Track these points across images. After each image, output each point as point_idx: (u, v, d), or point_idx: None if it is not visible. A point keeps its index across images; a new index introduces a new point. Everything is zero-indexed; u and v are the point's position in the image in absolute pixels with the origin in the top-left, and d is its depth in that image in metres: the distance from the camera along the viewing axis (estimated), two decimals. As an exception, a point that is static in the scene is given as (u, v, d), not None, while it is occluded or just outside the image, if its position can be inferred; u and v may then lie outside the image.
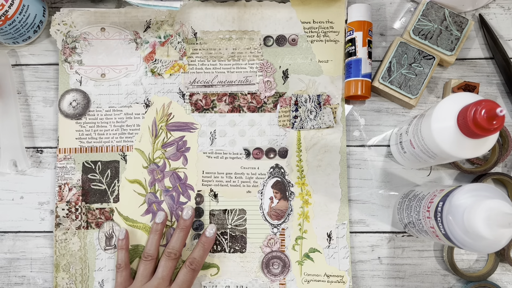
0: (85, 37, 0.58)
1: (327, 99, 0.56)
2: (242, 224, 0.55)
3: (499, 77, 0.57)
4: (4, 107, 0.57)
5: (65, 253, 0.55)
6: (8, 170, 0.57)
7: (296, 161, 0.56)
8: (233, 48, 0.58)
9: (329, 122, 0.55)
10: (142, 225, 0.55)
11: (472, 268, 0.54)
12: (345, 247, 0.54)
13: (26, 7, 0.54)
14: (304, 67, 0.57)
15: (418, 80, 0.55)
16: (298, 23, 0.58)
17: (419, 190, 0.50)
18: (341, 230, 0.54)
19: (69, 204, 0.55)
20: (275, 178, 0.56)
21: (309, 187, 0.55)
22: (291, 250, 0.54)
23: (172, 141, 0.56)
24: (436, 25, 0.56)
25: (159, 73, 0.57)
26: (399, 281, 0.54)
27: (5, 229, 0.56)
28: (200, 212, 0.56)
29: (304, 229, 0.55)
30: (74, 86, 0.57)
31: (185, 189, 0.56)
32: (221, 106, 0.57)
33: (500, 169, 0.56)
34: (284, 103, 0.57)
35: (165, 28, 0.58)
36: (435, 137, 0.43)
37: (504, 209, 0.38)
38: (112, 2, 0.60)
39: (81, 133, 0.57)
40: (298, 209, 0.55)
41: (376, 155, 0.57)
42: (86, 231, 0.55)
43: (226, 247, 0.55)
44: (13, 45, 0.59)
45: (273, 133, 0.56)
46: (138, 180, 0.56)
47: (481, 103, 0.39)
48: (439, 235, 0.44)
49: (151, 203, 0.56)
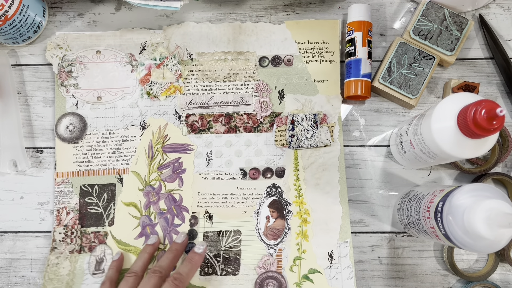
0: (81, 61, 0.58)
1: (324, 118, 0.56)
2: (237, 245, 0.54)
3: (499, 77, 0.57)
4: (4, 107, 0.57)
5: (54, 278, 0.53)
6: (8, 170, 0.57)
7: (294, 180, 0.55)
8: (228, 69, 0.58)
9: (326, 140, 0.55)
10: (134, 248, 0.54)
11: (472, 268, 0.54)
12: (349, 267, 0.52)
13: (26, 7, 0.54)
14: (300, 87, 0.57)
15: (418, 80, 0.55)
16: (293, 43, 0.58)
17: (419, 190, 0.50)
18: (344, 249, 0.53)
19: (66, 228, 0.55)
20: (272, 197, 0.55)
21: (307, 206, 0.54)
22: (289, 271, 0.53)
23: (168, 162, 0.56)
24: (436, 25, 0.56)
25: (155, 95, 0.57)
26: (399, 281, 0.54)
27: (5, 229, 0.56)
28: (194, 234, 0.54)
29: (303, 249, 0.53)
30: (70, 110, 0.57)
31: (179, 211, 0.55)
32: (217, 127, 0.57)
33: (500, 169, 0.56)
34: (280, 122, 0.56)
35: (161, 50, 0.58)
36: (435, 137, 0.43)
37: (504, 209, 0.38)
38: (112, 2, 0.60)
39: (78, 157, 0.56)
40: (296, 228, 0.54)
41: (376, 155, 0.57)
42: (79, 255, 0.54)
43: (218, 270, 0.53)
44: (13, 45, 0.59)
45: (269, 153, 0.56)
46: (133, 203, 0.55)
47: (481, 103, 0.39)
48: (439, 235, 0.44)
49: (145, 226, 0.55)
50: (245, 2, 0.60)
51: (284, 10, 0.59)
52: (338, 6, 0.59)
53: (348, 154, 0.57)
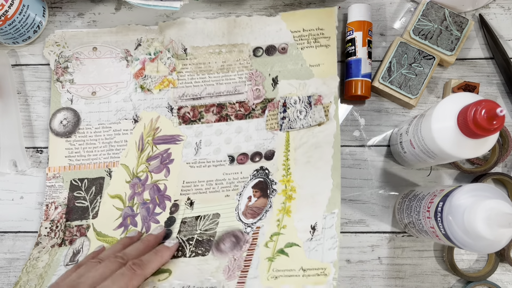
0: (77, 57, 0.58)
1: (319, 99, 0.54)
2: (213, 227, 0.51)
3: (499, 77, 0.57)
4: (4, 107, 0.57)
5: (31, 271, 0.52)
6: (8, 170, 0.57)
7: (283, 161, 0.53)
8: (222, 61, 0.57)
9: (320, 118, 0.52)
10: (111, 239, 0.53)
11: (472, 268, 0.54)
12: (333, 237, 0.47)
13: (26, 7, 0.54)
14: (294, 73, 0.56)
15: (418, 80, 0.55)
16: (288, 33, 0.57)
17: (419, 190, 0.50)
18: (330, 220, 0.48)
19: (52, 222, 0.55)
20: (258, 179, 0.53)
21: (294, 183, 0.51)
22: (263, 247, 0.48)
23: (157, 154, 0.56)
24: (436, 25, 0.56)
25: (149, 89, 0.57)
26: (399, 281, 0.54)
27: (5, 229, 0.56)
28: (172, 221, 0.53)
29: (283, 224, 0.49)
30: (65, 105, 0.57)
31: (162, 200, 0.54)
32: (208, 116, 0.56)
33: (500, 169, 0.56)
34: (272, 107, 0.55)
35: (155, 45, 0.58)
36: (435, 137, 0.43)
37: (504, 209, 0.38)
38: (112, 2, 0.60)
39: (71, 151, 0.56)
40: (279, 205, 0.50)
41: (376, 155, 0.57)
42: (59, 248, 0.53)
43: (187, 252, 0.50)
44: (13, 45, 0.59)
45: (260, 138, 0.54)
46: (119, 195, 0.55)
47: (481, 103, 0.39)
48: (439, 235, 0.44)
49: (126, 217, 0.54)
50: (245, 2, 0.60)
51: (284, 10, 0.59)
52: (338, 6, 0.59)
53: (348, 154, 0.56)
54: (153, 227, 0.52)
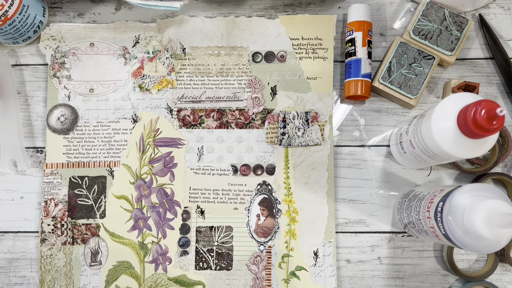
0: (74, 52, 0.58)
1: (315, 116, 0.56)
2: (229, 241, 0.55)
3: (499, 77, 0.57)
4: (4, 107, 0.57)
5: (51, 269, 0.54)
6: (8, 170, 0.57)
7: (284, 178, 0.56)
8: (221, 64, 0.58)
9: (317, 139, 0.55)
10: (128, 241, 0.55)
11: (472, 268, 0.55)
12: (331, 266, 0.54)
13: (26, 7, 0.54)
14: (292, 84, 0.57)
15: (418, 80, 0.55)
16: (287, 39, 0.58)
17: (419, 190, 0.50)
18: (328, 248, 0.54)
19: (55, 219, 0.55)
20: (262, 195, 0.56)
21: (296, 205, 0.55)
22: (277, 268, 0.54)
23: (159, 156, 0.56)
24: (436, 25, 0.56)
25: (147, 89, 0.57)
26: (399, 281, 0.54)
27: (5, 229, 0.56)
28: (186, 228, 0.55)
29: (291, 247, 0.55)
30: (62, 101, 0.57)
31: (171, 206, 0.56)
32: (209, 122, 0.57)
33: (500, 169, 0.56)
34: (272, 119, 0.56)
35: (154, 43, 0.58)
36: (435, 137, 0.43)
37: (504, 209, 0.38)
38: (112, 2, 0.60)
39: (69, 148, 0.57)
40: (285, 226, 0.55)
41: (376, 155, 0.57)
42: (72, 246, 0.55)
43: (212, 265, 0.55)
44: (13, 45, 0.59)
45: (260, 150, 0.56)
46: (125, 196, 0.56)
47: (481, 103, 0.39)
48: (439, 235, 0.44)
49: (138, 219, 0.55)
50: (245, 2, 0.60)
51: (284, 10, 0.59)
52: (338, 6, 0.59)
53: (348, 154, 0.57)
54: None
